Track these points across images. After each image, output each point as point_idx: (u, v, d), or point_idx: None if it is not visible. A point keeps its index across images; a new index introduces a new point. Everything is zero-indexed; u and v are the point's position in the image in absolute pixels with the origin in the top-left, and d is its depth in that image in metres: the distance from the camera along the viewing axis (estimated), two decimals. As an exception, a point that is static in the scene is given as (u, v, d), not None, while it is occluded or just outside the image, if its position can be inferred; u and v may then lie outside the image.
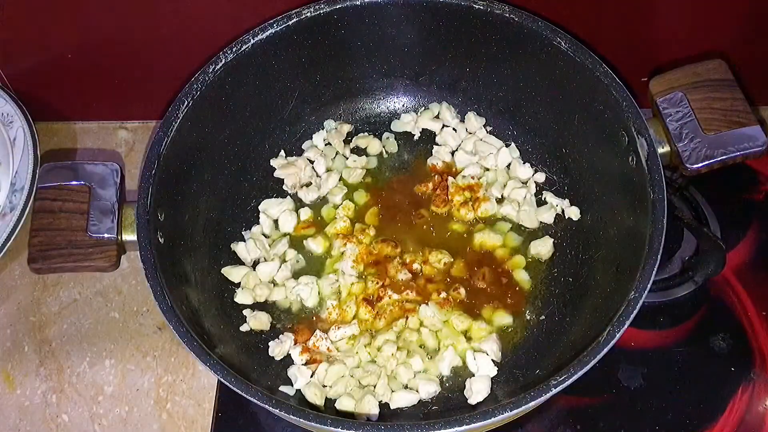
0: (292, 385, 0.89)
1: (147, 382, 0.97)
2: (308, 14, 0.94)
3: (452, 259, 0.96)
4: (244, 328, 0.93)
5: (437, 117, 1.07)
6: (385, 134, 1.07)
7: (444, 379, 0.91)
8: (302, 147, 1.06)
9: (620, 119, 0.87)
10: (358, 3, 0.95)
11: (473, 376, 0.89)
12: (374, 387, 0.88)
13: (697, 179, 0.97)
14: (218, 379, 0.92)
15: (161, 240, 0.85)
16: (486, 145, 1.03)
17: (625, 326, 0.76)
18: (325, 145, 1.06)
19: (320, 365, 0.90)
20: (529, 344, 0.92)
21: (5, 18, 0.99)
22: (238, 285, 0.96)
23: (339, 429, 0.73)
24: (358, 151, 1.06)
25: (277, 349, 0.91)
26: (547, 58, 0.93)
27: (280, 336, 0.92)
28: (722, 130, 0.87)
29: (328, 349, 0.91)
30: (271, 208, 1.01)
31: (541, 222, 0.99)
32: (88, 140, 1.16)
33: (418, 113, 1.07)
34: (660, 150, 0.86)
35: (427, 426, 0.72)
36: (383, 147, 1.06)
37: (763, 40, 1.04)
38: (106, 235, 0.85)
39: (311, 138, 1.06)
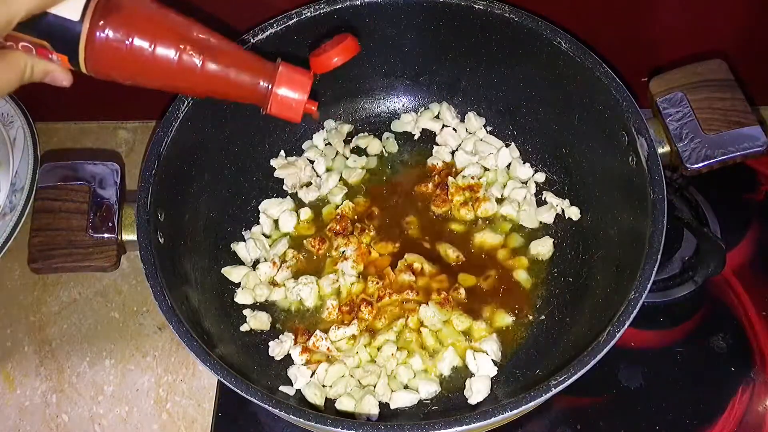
0: (292, 385, 0.89)
1: (147, 382, 0.97)
2: (308, 14, 0.94)
3: (459, 252, 0.96)
4: (244, 328, 0.93)
5: (437, 117, 1.07)
6: (385, 134, 1.07)
7: (444, 379, 0.91)
8: (302, 147, 1.06)
9: (620, 119, 0.87)
10: (358, 3, 0.95)
11: (473, 376, 0.89)
12: (374, 387, 0.88)
13: (697, 179, 0.96)
14: (218, 379, 0.92)
15: (161, 240, 0.85)
16: (486, 145, 1.03)
17: (625, 326, 0.76)
18: (325, 145, 1.06)
19: (320, 365, 0.90)
20: (529, 344, 0.92)
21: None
22: (238, 285, 0.96)
23: (339, 429, 0.73)
24: (358, 151, 1.06)
25: (277, 349, 0.91)
26: (547, 58, 0.93)
27: (280, 336, 0.92)
28: (722, 130, 0.87)
29: (328, 349, 0.91)
30: (271, 208, 1.01)
31: (541, 222, 0.99)
32: (88, 140, 1.16)
33: (418, 113, 1.07)
34: (660, 150, 0.86)
35: (427, 426, 0.72)
36: (383, 147, 1.06)
37: (763, 40, 1.04)
38: (106, 235, 0.85)
39: (311, 138, 1.06)
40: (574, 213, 0.98)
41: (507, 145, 1.03)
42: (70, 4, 0.61)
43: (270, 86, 0.68)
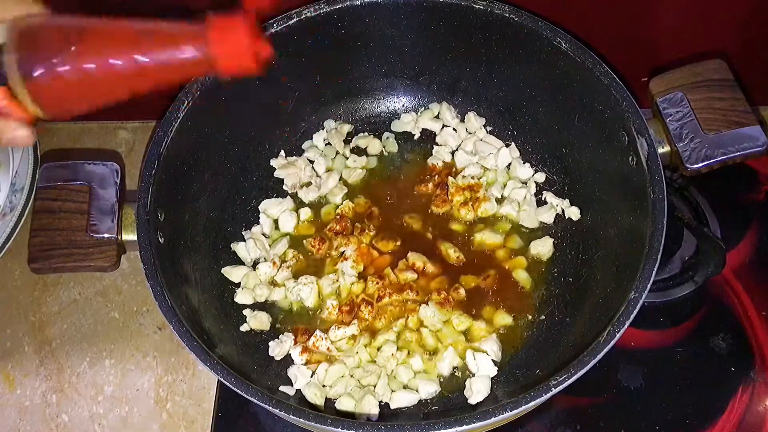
0: (292, 385, 0.89)
1: (147, 382, 0.97)
2: (308, 14, 0.94)
3: (459, 253, 0.96)
4: (244, 328, 0.93)
5: (437, 117, 1.07)
6: (385, 134, 1.07)
7: (444, 379, 0.91)
8: (302, 147, 1.06)
9: (620, 119, 0.87)
10: (358, 3, 0.95)
11: (473, 376, 0.89)
12: (374, 387, 0.88)
13: (697, 179, 0.97)
14: (218, 379, 0.92)
15: (161, 240, 0.85)
16: (486, 145, 1.03)
17: (625, 326, 0.76)
18: (325, 145, 1.06)
19: (320, 365, 0.90)
20: (529, 344, 0.92)
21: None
22: (238, 285, 0.96)
23: (339, 429, 0.73)
24: (358, 151, 1.06)
25: (277, 349, 0.91)
26: (547, 58, 0.93)
27: (280, 336, 0.92)
28: (722, 130, 0.87)
29: (328, 349, 0.91)
30: (271, 208, 1.01)
31: (541, 222, 0.99)
32: (88, 140, 1.16)
33: (418, 113, 1.07)
34: (660, 150, 0.86)
35: (427, 426, 0.72)
36: (383, 147, 1.06)
37: (763, 40, 1.04)
38: (106, 235, 0.85)
39: (311, 138, 1.06)
40: (574, 213, 0.98)
41: (507, 145, 1.03)
42: None
43: (206, 48, 0.61)
